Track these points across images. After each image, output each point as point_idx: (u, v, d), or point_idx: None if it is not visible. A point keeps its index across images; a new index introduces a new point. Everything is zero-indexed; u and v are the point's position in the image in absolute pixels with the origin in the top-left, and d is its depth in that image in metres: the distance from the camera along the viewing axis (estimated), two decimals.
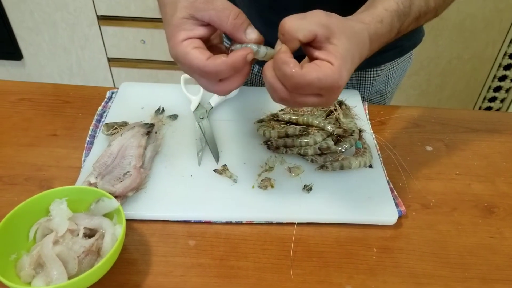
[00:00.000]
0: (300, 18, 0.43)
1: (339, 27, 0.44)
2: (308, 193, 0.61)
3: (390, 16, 0.50)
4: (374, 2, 0.51)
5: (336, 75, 0.42)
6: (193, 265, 0.53)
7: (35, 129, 0.71)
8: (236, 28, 0.44)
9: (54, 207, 0.52)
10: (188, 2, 0.45)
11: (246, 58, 0.44)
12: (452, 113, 0.79)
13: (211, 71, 0.44)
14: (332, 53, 0.43)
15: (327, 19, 0.44)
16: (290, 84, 0.43)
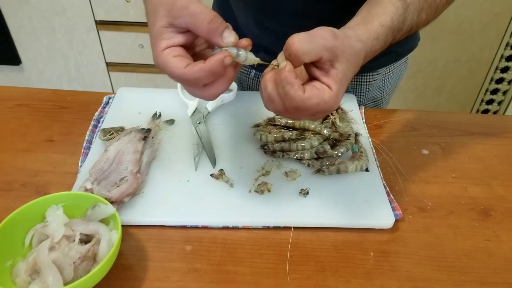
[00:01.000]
0: (308, 40, 0.43)
1: (343, 51, 0.45)
2: (304, 197, 0.61)
3: (385, 33, 0.51)
4: (370, 15, 0.51)
5: (332, 101, 0.44)
6: (190, 270, 0.53)
7: (32, 135, 0.71)
8: (211, 33, 0.44)
9: (50, 213, 0.52)
10: (166, 10, 0.45)
11: (224, 62, 0.44)
12: (448, 117, 0.79)
13: (190, 78, 0.44)
14: (333, 77, 0.44)
15: (333, 42, 0.44)
16: (289, 104, 0.44)
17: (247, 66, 0.88)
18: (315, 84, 0.44)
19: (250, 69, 0.88)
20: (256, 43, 0.81)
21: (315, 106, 0.43)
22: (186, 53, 0.46)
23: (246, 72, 0.89)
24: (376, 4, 0.52)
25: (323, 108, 0.44)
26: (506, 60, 1.86)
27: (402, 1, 0.52)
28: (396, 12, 0.51)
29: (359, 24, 0.50)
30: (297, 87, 0.43)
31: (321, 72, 0.45)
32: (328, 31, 0.45)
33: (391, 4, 0.51)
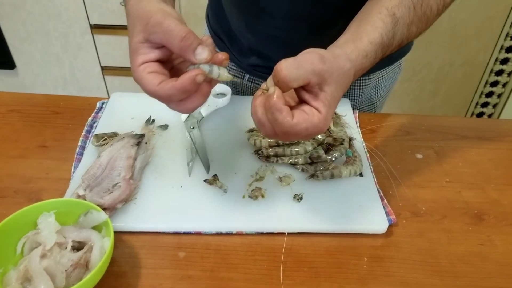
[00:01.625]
0: (296, 67, 0.44)
1: (331, 73, 0.45)
2: (298, 202, 0.60)
3: (374, 50, 0.51)
4: (359, 32, 0.51)
5: (322, 123, 0.45)
6: (183, 277, 0.52)
7: (24, 141, 0.71)
8: (184, 50, 0.45)
9: (42, 220, 0.52)
10: (142, 25, 0.45)
11: (195, 80, 0.44)
12: (442, 121, 0.80)
13: (162, 95, 0.45)
14: (322, 100, 0.45)
15: (321, 66, 0.44)
16: (279, 129, 0.45)
17: (241, 70, 0.88)
18: (304, 108, 0.45)
19: (244, 73, 0.88)
20: (249, 47, 0.82)
21: (304, 130, 0.44)
22: (162, 68, 0.47)
23: (240, 76, 0.89)
24: (365, 20, 0.52)
25: (312, 132, 0.45)
26: (500, 63, 1.87)
27: (391, 16, 0.52)
28: (385, 28, 0.51)
29: (348, 41, 0.51)
30: (286, 113, 0.44)
31: (310, 95, 0.46)
32: (316, 54, 0.45)
33: (380, 20, 0.52)
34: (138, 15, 0.46)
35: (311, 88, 0.45)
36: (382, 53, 0.52)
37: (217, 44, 0.90)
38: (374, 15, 0.52)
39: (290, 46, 0.76)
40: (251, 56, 0.83)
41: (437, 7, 0.54)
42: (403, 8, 0.52)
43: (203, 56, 0.45)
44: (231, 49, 0.87)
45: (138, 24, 0.46)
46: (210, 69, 0.46)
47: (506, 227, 0.61)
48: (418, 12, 0.53)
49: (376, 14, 0.52)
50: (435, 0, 0.54)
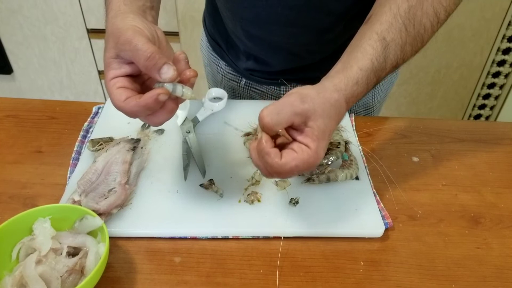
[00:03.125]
0: (276, 112, 0.46)
1: (315, 110, 0.47)
2: (294, 206, 0.60)
3: (366, 76, 0.51)
4: (349, 60, 0.52)
5: (312, 158, 0.46)
6: (179, 282, 0.52)
7: (20, 146, 0.71)
8: (149, 69, 0.46)
9: (38, 226, 0.52)
10: (113, 42, 0.47)
11: (158, 98, 0.46)
12: (439, 124, 0.80)
13: (127, 111, 0.47)
14: (309, 136, 0.47)
15: (302, 107, 0.46)
16: (271, 170, 0.47)
17: (237, 74, 0.88)
18: (293, 146, 0.47)
19: (240, 78, 0.88)
20: (246, 52, 0.82)
21: (294, 168, 0.46)
22: (132, 83, 0.49)
23: (237, 80, 0.89)
24: (356, 47, 0.53)
25: (303, 167, 0.47)
26: (497, 65, 1.88)
27: (381, 41, 0.52)
28: (375, 54, 0.52)
29: (338, 72, 0.52)
30: (273, 155, 0.46)
31: (298, 132, 0.48)
32: (296, 95, 0.47)
33: (369, 46, 0.52)
34: (112, 31, 0.48)
35: (297, 127, 0.47)
36: (376, 77, 0.53)
37: (214, 48, 0.90)
38: (365, 41, 0.53)
39: (286, 51, 0.77)
40: (248, 61, 0.84)
41: (431, 24, 0.54)
42: (393, 31, 0.52)
43: (168, 76, 0.46)
44: (228, 53, 0.87)
45: (111, 40, 0.47)
46: (174, 88, 0.47)
47: (503, 230, 0.61)
48: (411, 32, 0.53)
49: (366, 40, 0.52)
50: (427, 18, 0.53)
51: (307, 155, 0.46)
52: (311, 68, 0.80)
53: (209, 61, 0.95)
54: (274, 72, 0.82)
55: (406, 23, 0.53)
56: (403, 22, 0.53)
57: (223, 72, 0.90)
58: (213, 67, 0.93)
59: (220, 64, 0.90)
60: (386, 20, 0.53)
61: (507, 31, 1.78)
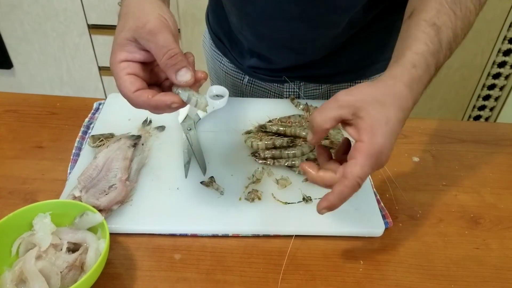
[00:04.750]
0: (321, 110, 0.45)
1: (363, 100, 0.44)
2: (306, 203, 0.60)
3: (423, 58, 0.49)
4: (403, 49, 0.50)
5: (372, 150, 0.43)
6: (179, 279, 0.52)
7: (20, 141, 0.71)
8: (167, 68, 0.45)
9: (38, 222, 0.52)
10: (135, 25, 0.45)
11: (171, 106, 0.45)
12: (439, 124, 0.80)
13: (135, 104, 0.46)
14: (362, 127, 0.44)
15: (346, 99, 0.44)
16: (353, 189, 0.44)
17: (241, 72, 0.88)
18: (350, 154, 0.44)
19: (244, 75, 0.88)
20: (249, 49, 0.82)
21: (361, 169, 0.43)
22: (142, 70, 0.47)
23: (240, 78, 0.89)
24: (405, 38, 0.52)
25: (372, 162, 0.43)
26: (498, 66, 1.88)
27: (431, 26, 0.51)
28: (428, 37, 0.50)
29: (391, 64, 0.50)
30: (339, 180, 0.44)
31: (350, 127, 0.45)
32: (343, 91, 0.45)
33: (420, 32, 0.51)
34: (135, 13, 0.46)
35: (347, 121, 0.45)
36: (435, 60, 0.51)
37: (217, 45, 0.90)
38: (413, 30, 0.51)
39: (290, 48, 0.77)
40: (251, 58, 0.83)
41: (474, 7, 0.54)
42: (442, 16, 0.52)
43: (184, 79, 0.45)
44: (231, 50, 0.87)
45: (132, 22, 0.45)
46: (189, 98, 0.46)
47: (502, 231, 0.61)
48: (459, 15, 0.53)
49: (414, 28, 0.51)
50: (471, 1, 0.53)
51: (365, 150, 0.43)
52: (314, 65, 0.80)
53: (211, 58, 0.94)
54: (278, 69, 0.82)
55: (453, 8, 0.52)
56: (450, 7, 0.52)
57: (226, 69, 0.90)
58: (216, 64, 0.93)
59: (223, 61, 0.90)
60: (432, 7, 0.52)
61: (508, 33, 1.78)
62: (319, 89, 0.85)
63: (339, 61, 0.80)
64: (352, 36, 0.76)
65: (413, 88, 0.48)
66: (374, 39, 0.79)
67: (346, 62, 0.81)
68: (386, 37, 0.79)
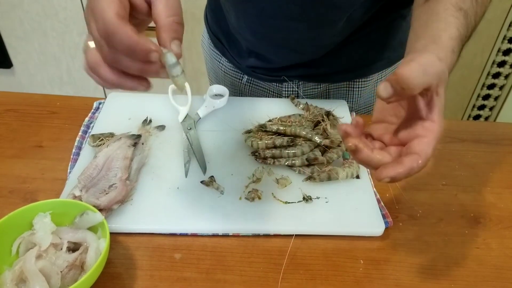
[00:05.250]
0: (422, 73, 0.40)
1: (444, 74, 0.43)
2: (306, 203, 0.60)
3: (457, 44, 0.49)
4: (437, 32, 0.49)
5: (440, 133, 0.42)
6: (179, 279, 0.52)
7: (20, 141, 0.71)
8: (168, 30, 0.41)
9: (38, 221, 0.52)
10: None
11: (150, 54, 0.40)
12: None
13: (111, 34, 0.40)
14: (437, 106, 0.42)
15: (442, 68, 0.42)
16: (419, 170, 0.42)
17: (239, 71, 0.88)
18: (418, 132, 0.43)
19: (242, 75, 0.88)
20: (248, 49, 0.82)
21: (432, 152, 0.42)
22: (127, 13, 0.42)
23: (239, 77, 0.89)
24: (434, 20, 0.51)
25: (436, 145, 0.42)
26: (497, 66, 1.88)
27: (459, 11, 0.51)
28: (459, 22, 0.50)
29: (427, 45, 0.48)
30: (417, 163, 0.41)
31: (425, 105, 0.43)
32: (434, 56, 0.43)
33: (450, 16, 0.50)
34: None
35: (426, 92, 0.42)
36: (462, 46, 0.51)
37: (215, 45, 0.90)
38: (442, 13, 0.51)
39: (289, 47, 0.77)
40: (250, 58, 0.83)
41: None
42: (467, 1, 0.52)
43: (176, 50, 0.42)
44: (230, 50, 0.87)
45: None
46: (173, 65, 0.42)
47: (503, 230, 0.61)
48: (479, 2, 0.53)
49: (443, 11, 0.51)
50: None
51: (436, 132, 0.42)
52: (313, 64, 0.80)
53: (210, 58, 0.94)
54: (276, 68, 0.82)
55: None
56: None
57: (224, 69, 0.90)
58: (215, 64, 0.93)
59: (222, 61, 0.90)
60: None
61: (508, 32, 1.78)
62: (318, 88, 0.85)
63: (338, 60, 0.80)
64: (351, 35, 0.76)
65: (448, 74, 0.46)
66: (373, 38, 0.79)
67: (345, 61, 0.81)
68: (385, 36, 0.79)
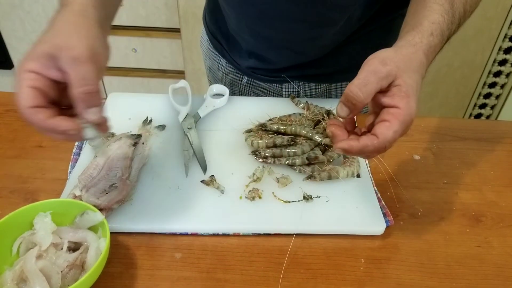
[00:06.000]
0: (363, 85, 0.45)
1: (398, 67, 0.46)
2: (307, 202, 0.60)
3: (439, 28, 0.51)
4: (419, 19, 0.52)
5: (407, 116, 0.45)
6: (179, 278, 0.52)
7: (21, 141, 0.71)
8: (80, 101, 0.42)
9: (38, 221, 0.52)
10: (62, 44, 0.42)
11: (66, 131, 0.43)
12: (440, 122, 0.80)
13: (28, 120, 0.43)
14: (397, 95, 0.46)
15: (385, 69, 0.45)
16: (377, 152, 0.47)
17: (239, 72, 0.87)
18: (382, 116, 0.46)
19: (242, 76, 0.88)
20: (248, 50, 0.82)
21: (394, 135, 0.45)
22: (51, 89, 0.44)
23: (238, 78, 0.88)
24: (421, 8, 0.53)
25: (402, 129, 0.45)
26: (498, 64, 1.88)
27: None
28: (443, 9, 0.52)
29: (409, 31, 0.51)
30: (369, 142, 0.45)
31: (384, 94, 0.46)
32: (376, 61, 0.46)
33: (435, 4, 0.53)
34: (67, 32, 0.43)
35: (384, 89, 0.46)
36: (449, 31, 0.53)
37: (215, 46, 0.90)
38: (428, 1, 0.53)
39: (290, 48, 0.77)
40: (249, 59, 0.83)
41: None
42: None
43: (94, 117, 0.43)
44: (229, 51, 0.86)
45: (60, 40, 0.42)
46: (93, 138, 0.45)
47: (504, 229, 0.60)
48: None
49: (430, 1, 0.53)
50: None
51: (401, 116, 0.45)
52: (314, 65, 0.80)
53: (209, 59, 0.94)
54: (276, 69, 0.82)
55: None
56: None
57: (224, 70, 0.90)
58: (214, 65, 0.93)
59: (221, 61, 0.90)
60: None
61: (509, 30, 1.78)
62: (318, 88, 0.85)
63: (339, 60, 0.80)
64: (352, 35, 0.76)
65: (428, 56, 0.50)
66: (373, 38, 0.78)
67: (346, 61, 0.80)
68: (385, 36, 0.79)
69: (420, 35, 0.50)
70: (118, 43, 1.84)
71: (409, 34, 0.50)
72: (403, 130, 0.46)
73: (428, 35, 0.50)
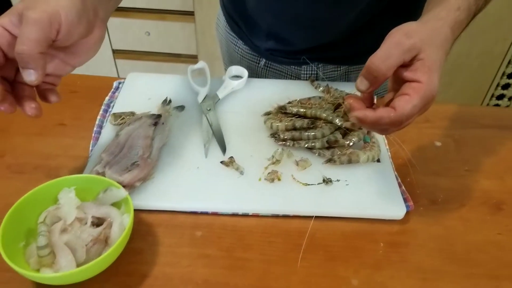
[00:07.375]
0: (386, 58, 0.45)
1: (422, 41, 0.45)
2: (326, 185, 0.60)
3: (466, 2, 0.50)
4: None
5: (428, 91, 0.45)
6: (200, 255, 0.53)
7: (43, 119, 0.70)
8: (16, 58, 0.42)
9: (63, 196, 0.53)
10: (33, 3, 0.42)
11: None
12: (462, 109, 0.79)
13: None
14: (419, 69, 0.45)
15: (409, 42, 0.45)
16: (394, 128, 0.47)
17: (256, 54, 0.87)
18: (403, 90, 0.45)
19: (260, 58, 0.87)
20: (267, 31, 0.81)
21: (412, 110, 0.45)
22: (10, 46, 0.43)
23: (256, 60, 0.88)
24: None
25: (423, 105, 0.45)
26: None
27: None
28: None
29: (435, 5, 0.50)
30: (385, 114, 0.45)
31: (406, 69, 0.46)
32: (400, 34, 0.45)
33: None
34: None
35: (407, 64, 0.46)
36: (475, 6, 0.52)
37: (232, 28, 0.89)
38: None
39: (311, 28, 0.76)
40: (268, 41, 0.83)
41: None
42: None
43: (28, 79, 0.43)
44: (247, 33, 0.86)
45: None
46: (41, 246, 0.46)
47: None
48: None
49: None
50: None
51: (421, 90, 0.44)
52: (334, 46, 0.79)
53: (226, 41, 0.94)
54: (295, 51, 0.81)
55: None
56: None
57: (241, 52, 0.90)
58: (231, 47, 0.92)
59: (238, 44, 0.89)
60: None
61: None
62: (338, 70, 0.84)
63: (359, 42, 0.79)
64: (373, 17, 0.75)
65: (454, 31, 0.49)
66: (395, 21, 0.77)
67: (366, 44, 0.79)
68: (407, 19, 0.78)
69: (446, 9, 0.49)
70: (131, 26, 1.84)
71: (435, 8, 0.49)
72: (423, 105, 0.45)
73: (455, 9, 0.49)
